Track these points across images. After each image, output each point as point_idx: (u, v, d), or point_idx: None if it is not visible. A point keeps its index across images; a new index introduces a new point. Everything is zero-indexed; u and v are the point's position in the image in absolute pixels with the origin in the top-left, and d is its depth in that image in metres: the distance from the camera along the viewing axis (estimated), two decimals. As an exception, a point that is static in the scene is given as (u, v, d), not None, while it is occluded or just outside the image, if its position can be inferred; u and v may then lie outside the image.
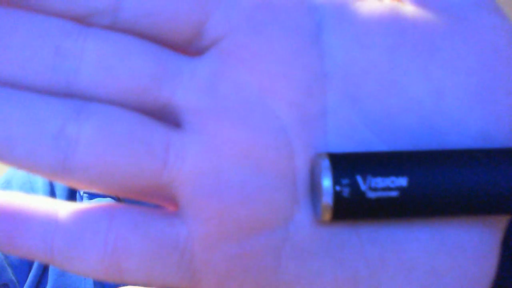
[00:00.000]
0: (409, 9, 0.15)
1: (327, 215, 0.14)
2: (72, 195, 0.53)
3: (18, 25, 0.14)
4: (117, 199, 0.49)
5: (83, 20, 0.14)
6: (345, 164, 0.14)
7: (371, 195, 0.14)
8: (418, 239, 0.15)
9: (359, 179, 0.14)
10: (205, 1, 0.14)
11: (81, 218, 0.14)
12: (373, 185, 0.14)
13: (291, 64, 0.15)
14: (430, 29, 0.15)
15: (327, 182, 0.14)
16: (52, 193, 0.52)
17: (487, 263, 0.15)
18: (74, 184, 0.14)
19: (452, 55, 0.15)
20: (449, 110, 0.15)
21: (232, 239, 0.14)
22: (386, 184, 0.14)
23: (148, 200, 0.15)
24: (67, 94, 0.14)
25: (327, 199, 0.14)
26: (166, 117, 0.15)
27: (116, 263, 0.14)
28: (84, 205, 0.15)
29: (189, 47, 0.15)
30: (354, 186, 0.14)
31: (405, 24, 0.15)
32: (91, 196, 0.52)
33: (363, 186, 0.14)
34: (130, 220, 0.14)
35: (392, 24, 0.15)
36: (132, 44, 0.14)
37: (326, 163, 0.14)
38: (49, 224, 0.14)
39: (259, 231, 0.14)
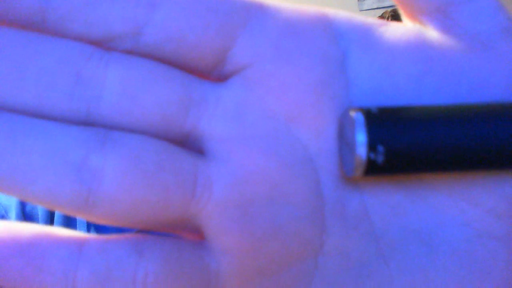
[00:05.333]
0: (434, 35, 0.15)
1: (359, 170, 0.13)
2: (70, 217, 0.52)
3: (35, 49, 0.13)
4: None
5: (102, 44, 0.14)
6: (379, 118, 0.13)
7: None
8: (446, 267, 0.14)
9: (393, 131, 0.13)
10: (230, 27, 0.14)
11: (107, 253, 0.13)
12: None
13: (319, 94, 0.14)
14: (457, 56, 0.15)
15: (361, 136, 0.13)
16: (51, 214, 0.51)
17: None
18: (97, 220, 0.13)
19: (480, 83, 0.15)
20: None
21: (265, 273, 0.14)
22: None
23: (168, 232, 0.14)
24: (88, 123, 0.13)
25: (360, 153, 0.13)
26: (190, 145, 0.14)
27: None
28: (108, 237, 0.14)
29: (211, 73, 0.14)
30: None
31: (431, 52, 0.15)
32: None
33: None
34: (160, 255, 0.13)
35: (419, 51, 0.15)
36: (156, 70, 0.14)
37: (360, 117, 0.13)
38: (71, 259, 0.13)
39: (290, 263, 0.14)
